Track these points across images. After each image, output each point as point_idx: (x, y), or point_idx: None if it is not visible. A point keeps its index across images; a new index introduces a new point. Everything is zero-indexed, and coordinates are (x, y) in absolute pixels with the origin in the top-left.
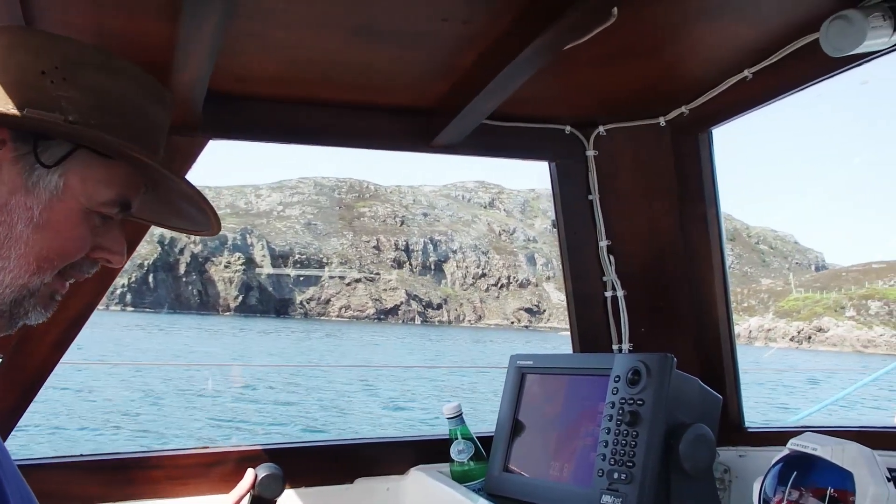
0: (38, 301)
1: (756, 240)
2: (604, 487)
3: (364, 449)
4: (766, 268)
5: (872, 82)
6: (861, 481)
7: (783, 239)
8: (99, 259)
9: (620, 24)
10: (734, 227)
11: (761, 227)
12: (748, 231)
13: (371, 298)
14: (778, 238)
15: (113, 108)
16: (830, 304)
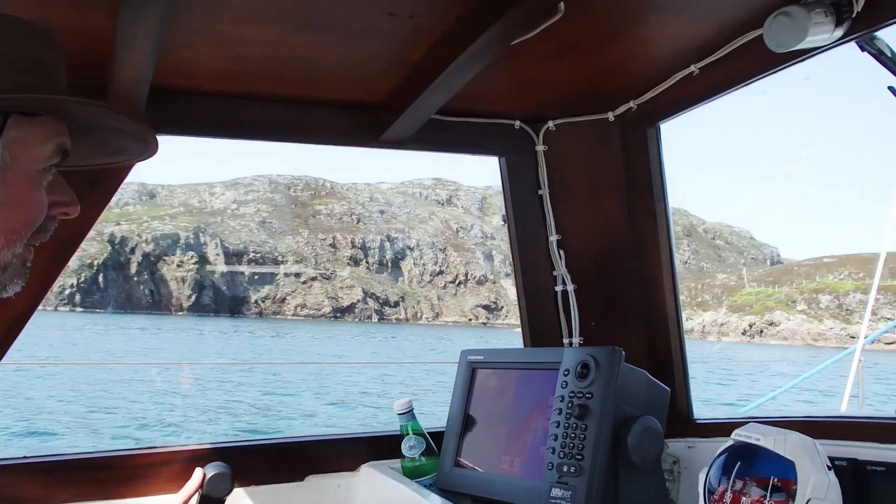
0: (13, 273)
1: (712, 235)
2: (553, 481)
3: (315, 446)
4: (722, 263)
5: (815, 78)
6: (802, 470)
7: (739, 234)
8: (57, 214)
9: (568, 19)
10: (690, 222)
11: (717, 223)
12: (704, 226)
13: (327, 297)
14: (734, 233)
15: (22, 66)
16: (782, 298)
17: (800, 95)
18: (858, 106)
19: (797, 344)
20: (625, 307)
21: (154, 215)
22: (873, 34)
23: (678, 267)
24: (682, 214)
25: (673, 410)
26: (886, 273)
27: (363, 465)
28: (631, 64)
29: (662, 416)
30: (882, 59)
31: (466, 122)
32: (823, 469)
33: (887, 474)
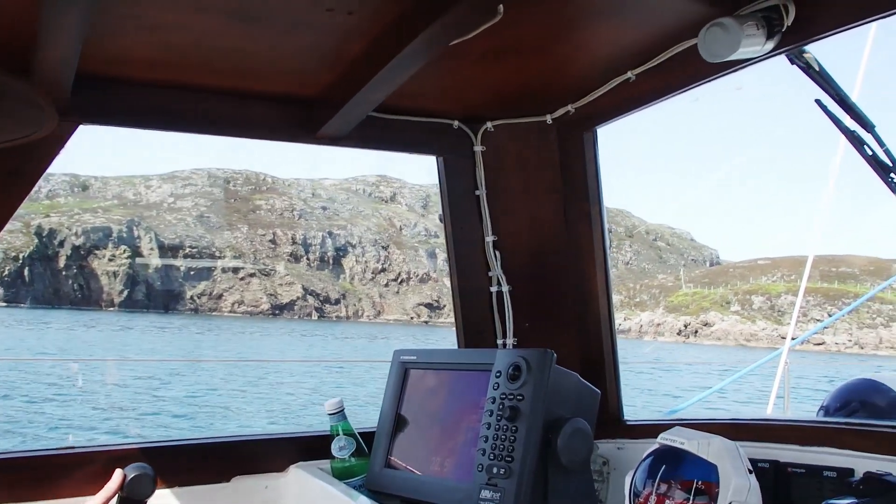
0: None
1: (653, 236)
2: (483, 482)
3: (241, 446)
4: (663, 264)
5: (746, 88)
6: (724, 473)
7: (680, 236)
8: None
9: (507, 21)
10: (632, 223)
11: (659, 224)
12: (646, 228)
13: (266, 293)
14: (675, 235)
15: None
16: (717, 299)
17: (733, 105)
18: (789, 117)
19: (730, 344)
20: (559, 309)
21: (86, 207)
22: (802, 48)
23: (621, 268)
24: (625, 216)
25: (603, 412)
26: (817, 276)
27: (292, 465)
28: (569, 68)
29: (592, 417)
30: (810, 73)
31: (405, 121)
32: (745, 472)
33: (807, 476)
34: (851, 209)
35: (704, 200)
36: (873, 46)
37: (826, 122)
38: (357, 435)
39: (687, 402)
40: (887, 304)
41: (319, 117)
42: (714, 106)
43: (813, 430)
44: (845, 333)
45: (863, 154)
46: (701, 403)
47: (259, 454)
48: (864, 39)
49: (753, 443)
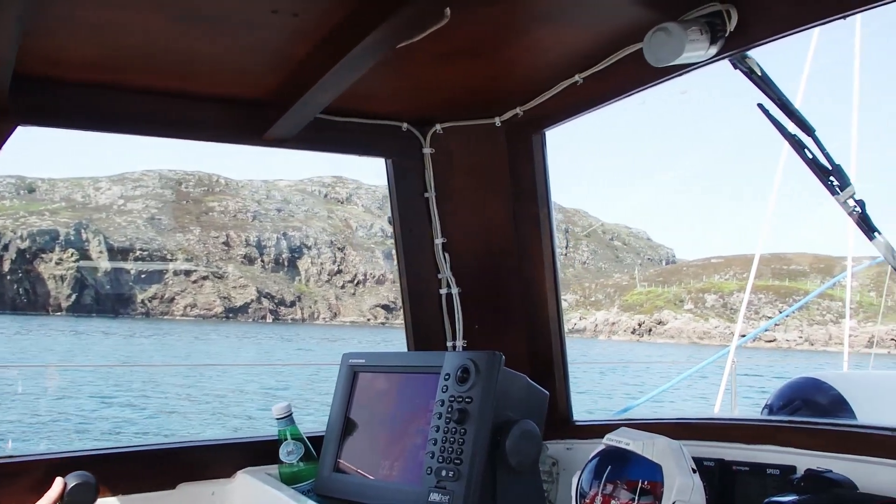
0: None
1: (610, 236)
2: (432, 485)
3: (187, 452)
4: (619, 263)
5: (691, 92)
6: (668, 473)
7: (636, 235)
8: None
9: (455, 24)
10: (589, 223)
11: (616, 224)
12: (603, 227)
13: (219, 296)
14: (631, 234)
15: None
16: (671, 297)
17: (683, 107)
18: (738, 119)
19: (683, 342)
20: (508, 310)
21: (32, 210)
22: (745, 53)
23: (578, 268)
24: (582, 216)
25: (553, 412)
26: (768, 273)
27: (239, 471)
28: (518, 71)
29: (541, 419)
30: (752, 78)
31: (353, 123)
32: (688, 472)
33: (751, 473)
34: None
35: (657, 200)
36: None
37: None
38: (305, 439)
39: (637, 401)
40: (837, 301)
41: (267, 119)
42: (664, 108)
43: (757, 428)
44: (796, 330)
45: (803, 157)
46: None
47: (205, 460)
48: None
49: (699, 442)
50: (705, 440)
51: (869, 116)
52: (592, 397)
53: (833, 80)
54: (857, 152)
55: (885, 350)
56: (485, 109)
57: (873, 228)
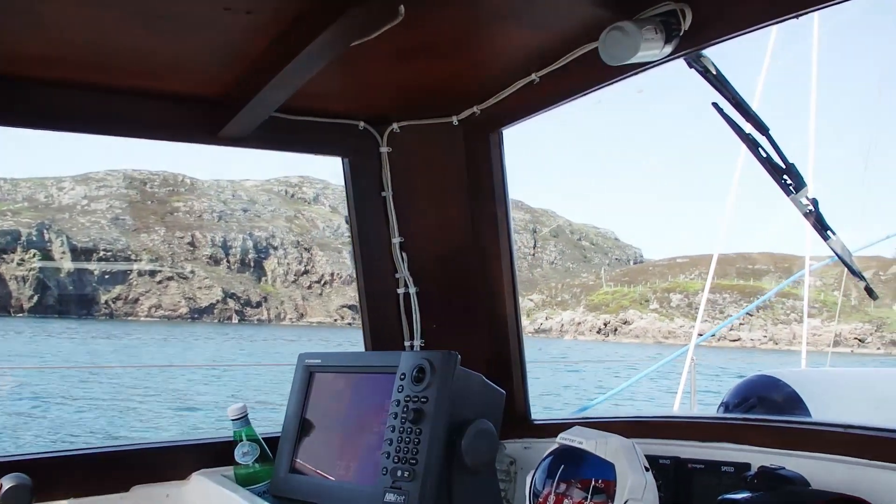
0: None
1: (578, 236)
2: (388, 485)
3: (141, 455)
4: (587, 263)
5: (647, 90)
6: (621, 472)
7: (604, 235)
8: None
9: (410, 23)
10: (557, 224)
11: (584, 224)
12: (571, 227)
13: (184, 297)
14: (599, 234)
15: None
16: (637, 297)
17: (638, 107)
18: (695, 119)
19: (648, 342)
20: (466, 310)
21: None
22: (700, 52)
23: (546, 267)
24: (550, 216)
25: (511, 411)
26: (733, 273)
27: (194, 473)
28: (474, 70)
29: (498, 418)
30: (707, 77)
31: (309, 122)
32: (641, 470)
33: (706, 471)
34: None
35: (621, 198)
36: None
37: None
38: (261, 440)
39: (596, 399)
40: (801, 300)
41: (221, 118)
42: (634, 105)
43: (712, 426)
44: (761, 330)
45: (757, 156)
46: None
47: (160, 462)
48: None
49: (656, 440)
50: (661, 438)
51: (827, 116)
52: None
53: (793, 79)
54: (814, 151)
55: (849, 349)
56: (442, 108)
57: (827, 227)
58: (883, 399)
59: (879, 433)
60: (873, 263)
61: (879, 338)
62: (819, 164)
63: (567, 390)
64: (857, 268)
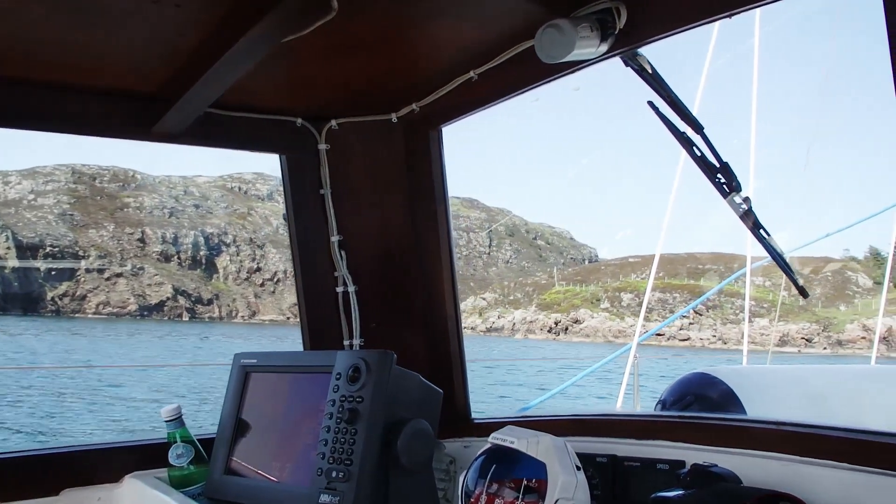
0: None
1: (534, 235)
2: (322, 486)
3: (71, 457)
4: (543, 262)
5: (583, 89)
6: (552, 471)
7: (560, 235)
8: None
9: (345, 19)
10: (513, 222)
11: (539, 223)
12: (527, 227)
13: (133, 294)
14: (555, 234)
15: None
16: (588, 296)
17: (577, 105)
18: (633, 117)
19: (599, 341)
20: (406, 308)
21: None
22: (636, 51)
23: (501, 266)
24: (506, 214)
25: (451, 410)
26: (684, 273)
27: (127, 475)
28: (413, 67)
29: (435, 417)
30: (643, 75)
31: (245, 118)
32: (572, 469)
33: (642, 469)
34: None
35: (556, 199)
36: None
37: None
38: (196, 441)
39: (540, 397)
40: (749, 300)
41: (154, 113)
42: (580, 105)
43: (649, 423)
44: (710, 329)
45: (692, 155)
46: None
47: (91, 465)
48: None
49: (593, 438)
50: (599, 436)
51: (770, 115)
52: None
53: (736, 79)
54: (755, 151)
55: (796, 349)
56: (381, 105)
57: (760, 227)
58: (817, 395)
59: (810, 430)
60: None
61: (826, 338)
62: (761, 163)
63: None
64: (790, 268)
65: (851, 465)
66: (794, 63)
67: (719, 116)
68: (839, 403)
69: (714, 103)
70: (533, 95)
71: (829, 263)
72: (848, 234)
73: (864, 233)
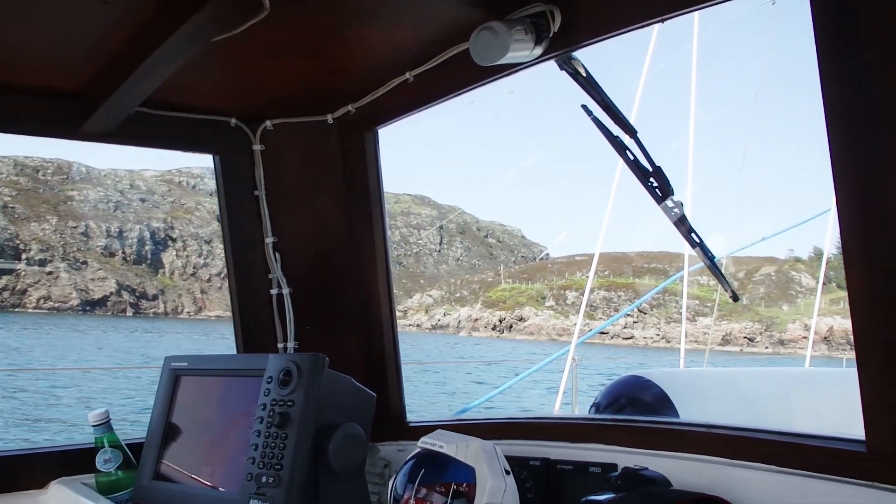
0: None
1: (485, 233)
2: (252, 492)
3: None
4: (493, 260)
5: (518, 92)
6: (481, 476)
7: (511, 233)
8: None
9: (278, 19)
10: (465, 220)
11: (491, 221)
12: (478, 224)
13: (76, 289)
14: (506, 232)
15: None
16: (534, 294)
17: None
18: (574, 121)
19: (542, 339)
20: (341, 311)
21: None
22: (571, 55)
23: (452, 264)
24: (457, 212)
25: (387, 414)
26: (630, 272)
27: (53, 481)
28: (348, 68)
29: (368, 421)
30: (578, 79)
31: (178, 118)
32: (501, 474)
33: (575, 472)
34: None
35: (529, 195)
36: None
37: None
38: (124, 446)
39: (477, 400)
40: (693, 299)
41: (83, 112)
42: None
43: (582, 427)
44: (654, 328)
45: (625, 159)
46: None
47: (15, 470)
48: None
49: (527, 441)
50: (533, 440)
51: (709, 118)
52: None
53: (675, 82)
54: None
55: (738, 348)
56: (317, 106)
57: (691, 230)
58: (749, 398)
59: (740, 432)
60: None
61: (768, 337)
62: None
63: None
64: (722, 272)
65: (780, 468)
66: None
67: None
68: (771, 406)
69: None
70: (469, 98)
71: (765, 265)
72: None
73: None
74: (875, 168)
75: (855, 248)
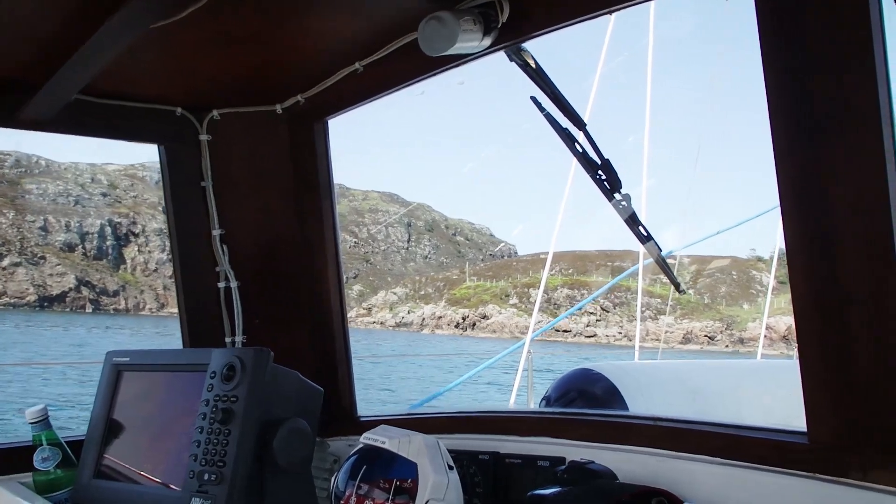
0: None
1: (453, 231)
2: (194, 490)
3: None
4: (461, 258)
5: (468, 83)
6: (423, 472)
7: (479, 231)
8: None
9: (221, 6)
10: (433, 218)
11: (459, 219)
12: (446, 222)
13: (33, 284)
14: (474, 230)
15: None
16: (498, 292)
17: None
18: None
19: (505, 337)
20: (291, 304)
21: None
22: (520, 46)
23: (419, 262)
24: (426, 210)
25: (336, 408)
26: (593, 269)
27: None
28: (297, 57)
29: (314, 416)
30: (527, 70)
31: (121, 106)
32: (444, 469)
33: (524, 466)
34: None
35: (499, 193)
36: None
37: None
38: (64, 444)
39: (427, 396)
40: (656, 297)
41: (18, 99)
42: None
43: (531, 420)
44: (616, 326)
45: (573, 151)
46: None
47: None
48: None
49: (477, 435)
50: (483, 433)
51: (664, 114)
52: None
53: (631, 76)
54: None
55: (699, 346)
56: (265, 96)
57: (638, 223)
58: (697, 390)
59: (686, 425)
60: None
61: (728, 335)
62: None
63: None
64: (668, 265)
65: (724, 460)
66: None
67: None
68: (719, 398)
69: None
70: (419, 88)
71: (715, 260)
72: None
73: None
74: (817, 167)
75: (798, 244)
